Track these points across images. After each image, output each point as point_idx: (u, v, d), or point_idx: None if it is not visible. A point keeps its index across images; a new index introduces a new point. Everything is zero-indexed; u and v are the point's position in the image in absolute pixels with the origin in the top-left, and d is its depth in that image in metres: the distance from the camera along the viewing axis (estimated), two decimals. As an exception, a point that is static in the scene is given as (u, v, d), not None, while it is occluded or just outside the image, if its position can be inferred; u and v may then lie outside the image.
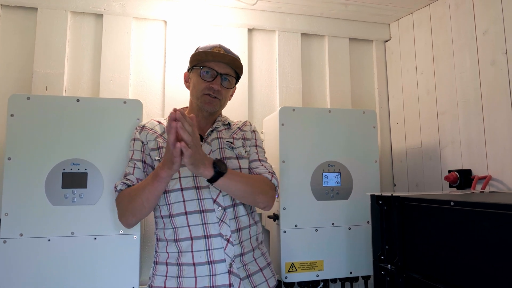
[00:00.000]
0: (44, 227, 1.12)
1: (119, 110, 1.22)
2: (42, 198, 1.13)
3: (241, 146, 1.11)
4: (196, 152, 0.86)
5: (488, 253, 0.74)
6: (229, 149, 1.08)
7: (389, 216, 1.04)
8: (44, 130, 1.16)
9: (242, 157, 1.09)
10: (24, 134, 1.14)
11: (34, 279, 1.10)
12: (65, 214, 1.14)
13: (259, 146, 1.17)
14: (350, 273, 1.38)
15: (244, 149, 1.11)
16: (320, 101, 1.82)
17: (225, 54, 1.06)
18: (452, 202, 0.84)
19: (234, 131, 1.14)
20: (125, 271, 1.16)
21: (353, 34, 1.86)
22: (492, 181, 1.30)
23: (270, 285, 1.07)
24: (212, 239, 0.99)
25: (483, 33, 1.35)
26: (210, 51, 1.06)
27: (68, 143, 1.17)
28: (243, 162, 1.09)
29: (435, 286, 0.86)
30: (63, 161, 1.16)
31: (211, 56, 1.05)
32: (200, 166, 0.88)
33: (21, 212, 1.11)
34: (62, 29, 1.51)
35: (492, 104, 1.31)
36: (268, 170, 1.09)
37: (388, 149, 1.87)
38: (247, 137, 1.15)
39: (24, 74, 1.48)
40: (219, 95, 1.07)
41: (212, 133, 1.10)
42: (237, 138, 1.12)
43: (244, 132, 1.15)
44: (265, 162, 1.14)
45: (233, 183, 0.95)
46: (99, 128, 1.20)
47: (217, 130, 1.12)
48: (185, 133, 0.83)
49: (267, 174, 1.07)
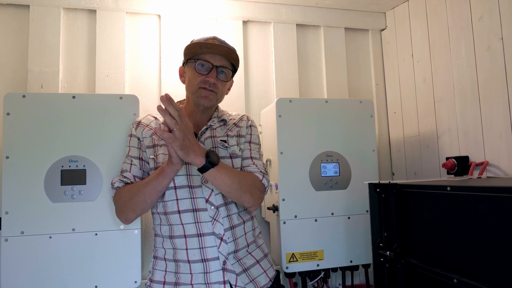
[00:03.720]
0: (45, 225, 1.13)
1: (116, 106, 1.22)
2: (41, 196, 1.13)
3: (235, 144, 1.08)
4: (185, 138, 0.86)
5: (485, 236, 0.75)
6: (223, 148, 1.05)
7: (387, 204, 1.05)
8: (41, 128, 1.16)
9: (236, 156, 1.06)
10: (21, 133, 1.14)
11: (37, 275, 1.11)
12: (65, 211, 1.15)
13: (253, 142, 1.12)
14: (350, 262, 1.39)
15: (238, 147, 1.08)
16: (317, 92, 1.82)
17: (221, 45, 1.03)
18: (448, 187, 0.85)
19: (229, 128, 1.11)
20: (127, 266, 1.17)
21: (348, 23, 1.85)
22: (489, 167, 1.30)
23: (269, 276, 1.07)
24: (205, 237, 0.98)
25: (479, 19, 1.34)
26: (205, 43, 1.02)
27: (65, 140, 1.17)
28: (236, 161, 1.06)
29: (433, 271, 0.88)
30: (61, 158, 1.16)
31: (206, 48, 1.02)
32: (190, 153, 0.87)
33: (22, 210, 1.12)
34: (55, 26, 1.50)
35: (488, 90, 1.31)
36: (259, 170, 1.06)
37: (386, 139, 1.87)
38: (242, 133, 1.11)
39: (19, 73, 1.47)
40: (215, 88, 1.03)
41: (206, 132, 1.07)
42: (231, 135, 1.09)
43: (239, 128, 1.12)
44: (257, 160, 1.10)
45: (222, 176, 0.93)
46: (96, 124, 1.20)
47: (211, 128, 1.08)
48: (166, 115, 0.84)
49: (258, 174, 1.04)
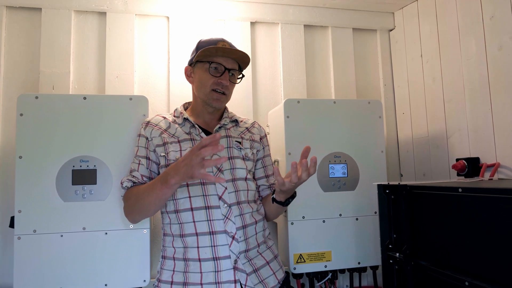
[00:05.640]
0: (56, 223, 1.15)
1: (125, 107, 1.23)
2: (53, 195, 1.15)
3: (248, 147, 1.12)
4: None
5: (497, 239, 0.74)
6: (237, 149, 1.08)
7: (397, 205, 1.04)
8: (53, 128, 1.18)
9: (248, 158, 1.10)
10: (34, 133, 1.17)
11: (48, 273, 1.13)
12: (76, 210, 1.16)
13: (266, 156, 1.20)
14: (358, 263, 1.38)
15: (251, 150, 1.12)
16: (324, 93, 1.81)
17: (235, 50, 1.06)
18: (460, 188, 0.84)
19: (243, 131, 1.15)
20: (136, 265, 1.18)
21: (356, 24, 1.84)
22: (500, 168, 1.28)
23: (278, 278, 1.07)
24: (217, 235, 0.99)
25: (490, 17, 1.32)
26: (221, 48, 1.04)
27: (76, 140, 1.19)
28: (248, 163, 1.10)
29: (444, 273, 0.87)
30: (73, 158, 1.18)
31: (221, 52, 1.05)
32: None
33: (34, 209, 1.14)
34: (66, 29, 1.52)
35: (499, 89, 1.29)
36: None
37: (394, 139, 1.86)
38: (255, 139, 1.16)
39: (31, 74, 1.50)
40: (226, 90, 1.07)
41: (220, 130, 1.10)
42: (245, 138, 1.13)
43: (252, 134, 1.16)
44: (271, 176, 1.19)
45: None
46: (106, 125, 1.21)
47: (225, 128, 1.12)
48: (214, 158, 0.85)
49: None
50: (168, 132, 1.08)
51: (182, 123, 1.10)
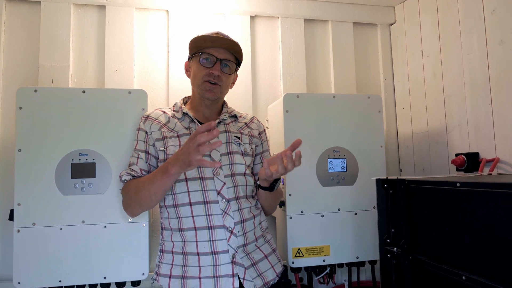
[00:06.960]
0: (55, 216, 1.15)
1: (125, 100, 1.23)
2: (52, 188, 1.16)
3: (247, 143, 1.11)
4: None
5: (495, 234, 0.74)
6: (236, 144, 1.08)
7: (395, 200, 1.05)
8: (52, 122, 1.18)
9: (247, 154, 1.10)
10: (33, 126, 1.17)
11: (48, 266, 1.13)
12: (75, 204, 1.17)
13: (265, 151, 1.19)
14: (357, 258, 1.39)
15: (250, 146, 1.12)
16: (324, 88, 1.80)
17: (224, 37, 1.05)
18: (458, 183, 0.84)
19: (242, 127, 1.15)
20: (135, 258, 1.19)
21: (357, 18, 1.83)
22: (500, 164, 1.28)
23: (276, 271, 1.07)
24: (216, 230, 0.99)
25: (491, 12, 1.31)
26: (208, 36, 1.05)
27: (75, 134, 1.19)
28: (247, 159, 1.10)
29: (442, 267, 0.87)
30: (72, 151, 1.18)
31: (210, 41, 1.04)
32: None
33: (33, 202, 1.15)
34: (65, 22, 1.52)
35: (500, 85, 1.28)
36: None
37: (394, 134, 1.85)
38: (254, 134, 1.16)
39: (30, 67, 1.49)
40: (219, 81, 1.06)
41: (220, 125, 1.10)
42: (244, 134, 1.13)
43: (251, 129, 1.16)
44: None
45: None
46: (106, 119, 1.21)
47: (224, 123, 1.11)
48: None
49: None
50: (167, 127, 1.07)
51: (182, 118, 1.10)
